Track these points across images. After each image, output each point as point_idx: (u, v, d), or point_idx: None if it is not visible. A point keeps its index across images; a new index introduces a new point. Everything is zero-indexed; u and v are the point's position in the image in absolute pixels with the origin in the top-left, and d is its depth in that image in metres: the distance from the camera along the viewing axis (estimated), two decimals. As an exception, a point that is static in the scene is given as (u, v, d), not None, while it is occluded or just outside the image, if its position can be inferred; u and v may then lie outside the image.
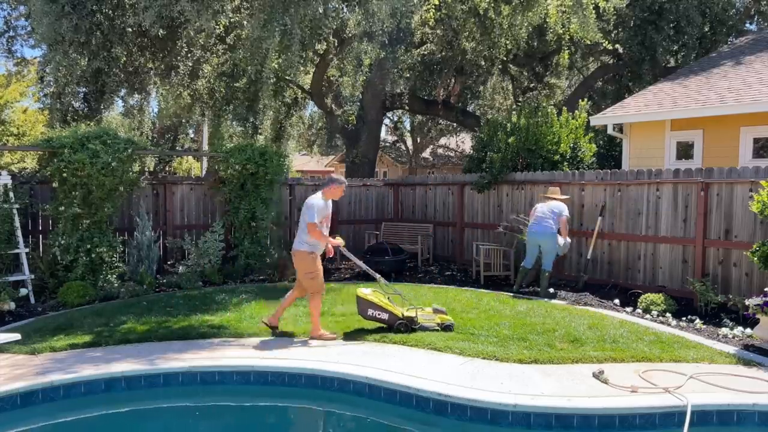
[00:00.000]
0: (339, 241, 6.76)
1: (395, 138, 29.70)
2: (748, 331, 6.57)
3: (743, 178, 7.62)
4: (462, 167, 17.26)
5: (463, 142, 27.88)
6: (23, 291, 8.28)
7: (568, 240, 8.94)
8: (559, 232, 8.78)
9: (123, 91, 13.65)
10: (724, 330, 6.72)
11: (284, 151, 12.90)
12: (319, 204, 6.44)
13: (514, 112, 11.81)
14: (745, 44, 13.25)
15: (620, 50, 15.59)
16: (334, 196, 6.75)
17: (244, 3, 10.55)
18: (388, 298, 6.81)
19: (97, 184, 8.72)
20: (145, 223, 9.81)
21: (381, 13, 10.12)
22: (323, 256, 6.82)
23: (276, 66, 10.07)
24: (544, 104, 11.73)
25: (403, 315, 6.65)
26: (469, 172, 12.28)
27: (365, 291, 6.68)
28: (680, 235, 8.35)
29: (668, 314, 7.46)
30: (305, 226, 6.43)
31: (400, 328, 6.59)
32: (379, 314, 6.62)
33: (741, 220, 7.67)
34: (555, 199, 8.98)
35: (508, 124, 11.28)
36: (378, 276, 7.16)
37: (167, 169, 28.19)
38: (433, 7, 13.26)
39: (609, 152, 15.02)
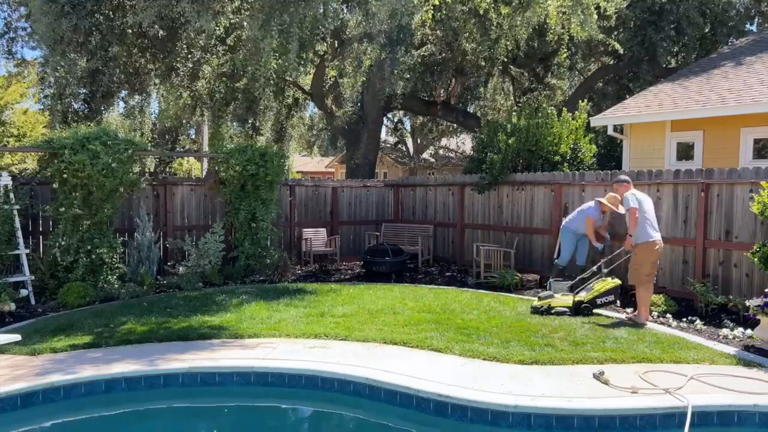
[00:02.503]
0: None
1: (396, 139, 29.72)
2: (749, 332, 6.56)
3: (744, 178, 7.61)
4: (462, 168, 17.28)
5: (464, 143, 27.90)
6: (23, 292, 8.29)
7: (599, 245, 8.74)
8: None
9: (123, 92, 13.66)
10: (725, 331, 6.71)
11: (285, 152, 12.90)
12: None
13: (514, 113, 11.81)
14: (746, 45, 13.25)
15: (620, 51, 15.60)
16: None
17: (245, 3, 10.55)
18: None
19: (97, 185, 8.72)
20: (146, 224, 9.81)
21: (381, 14, 10.12)
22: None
23: (275, 66, 10.07)
24: (544, 105, 11.73)
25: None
26: (469, 173, 12.29)
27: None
28: (681, 235, 8.35)
29: (669, 315, 7.46)
30: None
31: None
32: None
33: (741, 221, 7.67)
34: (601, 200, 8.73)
35: (509, 125, 11.28)
36: None
37: (167, 170, 28.19)
38: (433, 7, 13.26)
39: (609, 153, 15.04)
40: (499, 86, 20.96)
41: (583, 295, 7.70)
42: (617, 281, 7.75)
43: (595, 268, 8.25)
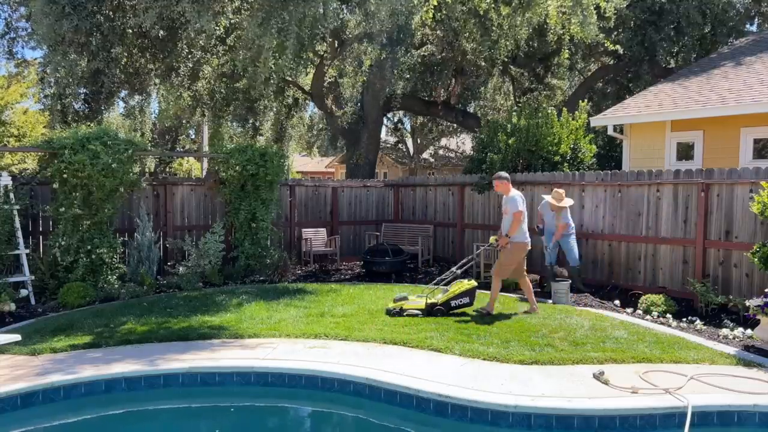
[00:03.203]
0: None
1: (396, 139, 29.72)
2: (749, 332, 6.57)
3: (743, 178, 7.61)
4: (462, 168, 17.28)
5: (464, 143, 27.91)
6: (24, 292, 8.29)
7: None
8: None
9: (123, 92, 13.66)
10: (725, 331, 6.72)
11: (285, 152, 12.91)
12: None
13: (514, 113, 11.80)
14: (746, 45, 13.26)
15: (620, 51, 15.60)
16: None
17: (245, 3, 10.55)
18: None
19: (97, 185, 8.72)
20: (146, 224, 9.81)
21: (381, 13, 10.12)
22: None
23: (272, 66, 10.07)
24: (544, 105, 11.73)
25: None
26: (469, 173, 12.29)
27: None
28: (681, 235, 8.35)
29: (669, 315, 7.46)
30: None
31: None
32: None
33: (741, 221, 7.67)
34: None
35: (509, 125, 11.28)
36: None
37: (167, 170, 28.19)
38: (433, 7, 13.27)
39: (609, 153, 15.04)
40: (499, 86, 20.97)
41: (438, 297, 7.66)
42: (473, 283, 7.74)
43: (454, 269, 8.29)
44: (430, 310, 7.54)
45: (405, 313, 7.51)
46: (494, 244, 7.95)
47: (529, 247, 7.80)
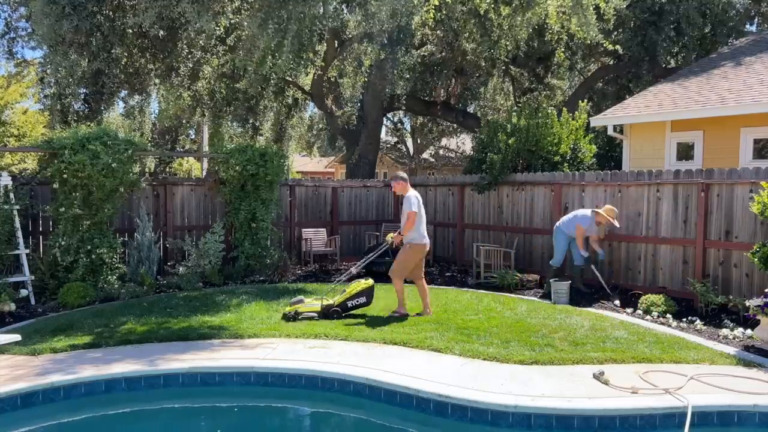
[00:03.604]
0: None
1: (396, 139, 29.71)
2: (749, 332, 6.57)
3: (743, 179, 7.61)
4: (462, 168, 17.28)
5: (464, 143, 27.89)
6: (24, 292, 8.29)
7: (584, 252, 8.83)
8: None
9: (123, 92, 13.66)
10: (725, 331, 6.72)
11: (284, 152, 12.91)
12: None
13: (514, 113, 11.80)
14: (746, 45, 13.26)
15: (620, 51, 15.60)
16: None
17: (244, 3, 10.55)
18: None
19: (97, 185, 8.72)
20: (146, 224, 9.81)
21: (381, 14, 10.12)
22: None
23: (271, 65, 10.07)
24: (544, 105, 11.74)
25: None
26: (469, 173, 12.29)
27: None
28: (680, 236, 8.35)
29: (669, 315, 7.46)
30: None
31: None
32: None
33: (741, 221, 7.67)
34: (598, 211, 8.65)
35: (509, 125, 11.28)
36: None
37: (167, 170, 28.18)
38: (433, 8, 13.26)
39: (609, 153, 15.04)
40: (499, 86, 20.96)
41: (336, 299, 7.56)
42: (370, 282, 7.67)
43: (353, 269, 8.25)
44: (326, 313, 7.40)
45: (300, 317, 7.32)
46: (389, 242, 7.91)
47: (428, 248, 7.74)
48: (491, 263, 10.22)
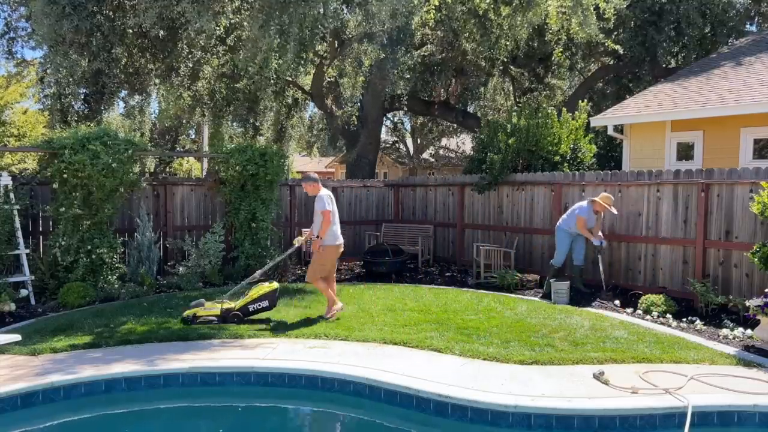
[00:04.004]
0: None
1: (396, 139, 29.72)
2: (749, 332, 6.57)
3: (743, 179, 7.61)
4: (462, 168, 17.28)
5: (464, 143, 27.90)
6: (24, 292, 8.29)
7: (597, 241, 8.70)
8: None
9: (123, 92, 13.65)
10: (725, 331, 6.72)
11: (285, 152, 12.93)
12: None
13: (514, 113, 11.81)
14: (746, 45, 13.26)
15: (621, 51, 15.61)
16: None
17: (245, 4, 10.55)
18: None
19: (97, 185, 8.72)
20: (146, 224, 9.81)
21: (381, 14, 10.12)
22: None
23: (275, 66, 10.08)
24: (544, 105, 11.74)
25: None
26: (469, 173, 12.29)
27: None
28: (681, 236, 8.35)
29: (669, 315, 7.46)
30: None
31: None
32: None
33: (741, 221, 7.67)
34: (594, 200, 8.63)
35: (509, 125, 11.28)
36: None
37: (167, 170, 28.18)
38: (434, 8, 13.26)
39: (609, 153, 15.04)
40: (499, 86, 20.96)
41: (238, 302, 7.36)
42: (274, 285, 7.48)
43: (257, 273, 8.09)
44: (225, 317, 7.22)
45: (198, 320, 7.13)
46: (297, 245, 7.87)
47: (342, 249, 7.61)
48: (491, 263, 10.22)
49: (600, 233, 8.77)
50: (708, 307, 7.56)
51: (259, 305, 7.36)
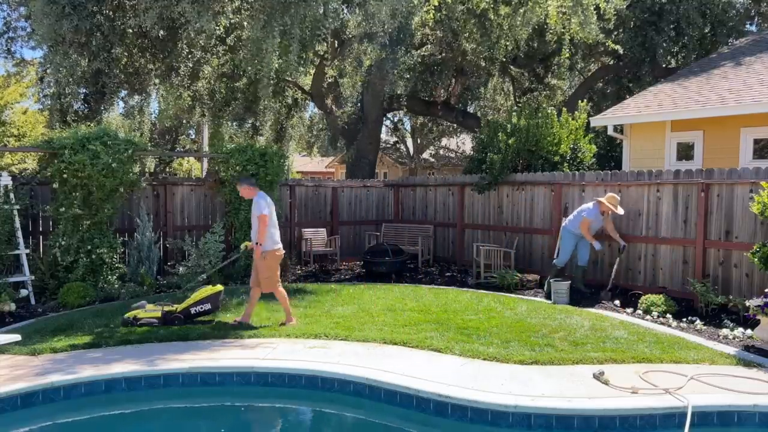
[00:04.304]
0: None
1: (396, 139, 29.70)
2: (749, 332, 6.56)
3: (743, 179, 7.61)
4: (462, 168, 17.28)
5: (464, 143, 27.88)
6: (24, 292, 8.29)
7: (598, 245, 8.72)
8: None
9: (123, 92, 13.64)
10: (725, 331, 6.72)
11: (284, 152, 12.94)
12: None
13: (514, 113, 11.81)
14: (745, 45, 13.26)
15: (621, 51, 15.60)
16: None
17: (245, 4, 10.55)
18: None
19: (97, 185, 8.72)
20: (146, 224, 9.81)
21: (381, 14, 10.12)
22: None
23: (276, 67, 10.07)
24: (544, 105, 11.74)
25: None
26: (469, 173, 12.29)
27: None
28: (681, 236, 8.35)
29: (669, 315, 7.46)
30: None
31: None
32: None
33: (741, 221, 7.67)
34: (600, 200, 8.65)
35: (509, 125, 11.28)
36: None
37: (167, 169, 28.16)
38: (433, 8, 13.25)
39: (609, 153, 15.04)
40: (499, 86, 20.95)
41: (179, 305, 7.26)
42: (218, 288, 7.42)
43: (203, 276, 7.90)
44: (166, 319, 7.10)
45: (139, 323, 7.00)
46: (243, 251, 7.73)
47: (281, 253, 7.26)
48: (491, 263, 10.22)
49: (617, 235, 8.74)
50: (708, 307, 7.56)
51: (202, 308, 7.26)
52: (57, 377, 5.24)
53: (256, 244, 6.96)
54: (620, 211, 8.61)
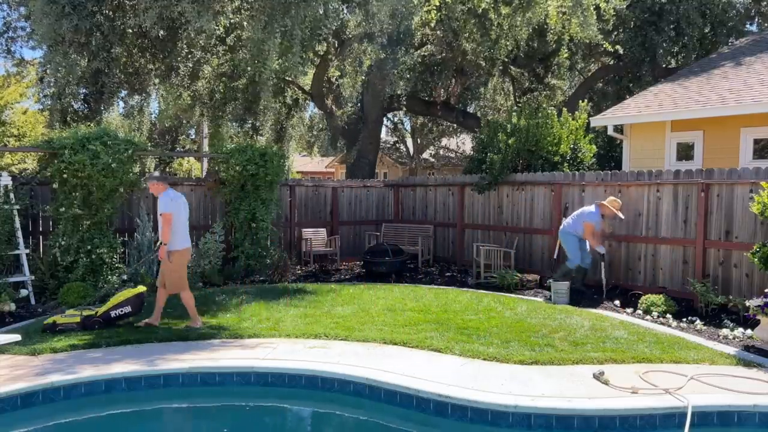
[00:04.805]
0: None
1: (396, 139, 29.71)
2: (749, 332, 6.56)
3: (743, 179, 7.61)
4: (462, 168, 17.27)
5: (464, 143, 27.88)
6: (24, 292, 8.29)
7: (602, 249, 8.67)
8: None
9: (123, 92, 13.65)
10: (725, 331, 6.72)
11: (285, 152, 12.93)
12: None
13: (514, 113, 11.81)
14: (746, 45, 13.25)
15: (621, 51, 15.60)
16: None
17: (245, 4, 10.55)
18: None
19: (97, 185, 8.72)
20: (146, 224, 9.80)
21: (381, 14, 10.13)
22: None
23: (276, 67, 10.08)
24: (544, 105, 11.74)
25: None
26: (469, 173, 12.29)
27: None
28: (681, 236, 8.35)
29: (669, 315, 7.46)
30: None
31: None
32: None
33: (741, 221, 7.67)
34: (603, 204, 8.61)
35: (509, 125, 11.28)
36: None
37: (167, 170, 28.17)
38: (434, 8, 13.26)
39: (609, 153, 15.04)
40: (499, 86, 20.95)
41: (100, 308, 7.05)
42: (140, 289, 7.21)
43: (125, 276, 7.71)
44: (86, 324, 6.87)
45: (58, 328, 6.78)
46: (156, 249, 7.48)
47: (188, 254, 7.08)
48: (491, 263, 10.22)
49: (603, 241, 8.72)
50: (708, 307, 7.56)
51: (122, 311, 7.04)
52: (57, 377, 5.24)
53: (162, 243, 6.79)
54: (621, 215, 8.58)
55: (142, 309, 7.31)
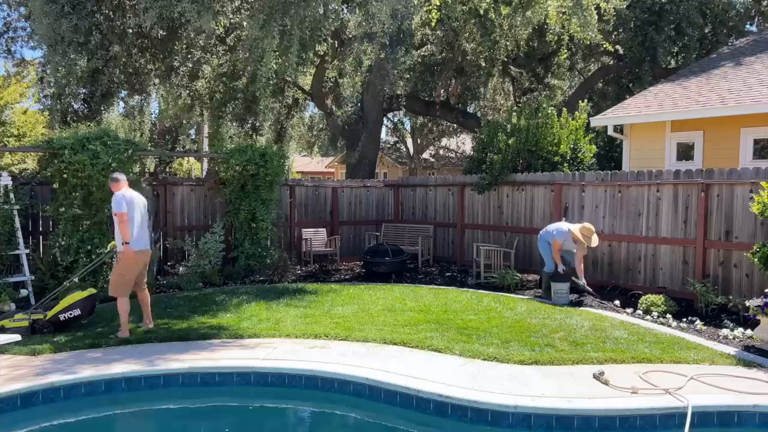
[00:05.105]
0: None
1: (396, 139, 29.72)
2: (749, 332, 6.56)
3: (743, 179, 7.61)
4: (462, 168, 17.28)
5: (464, 143, 27.89)
6: (23, 292, 8.29)
7: (561, 267, 8.56)
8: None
9: (123, 92, 13.66)
10: (725, 331, 6.71)
11: (285, 152, 12.93)
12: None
13: (514, 113, 11.81)
14: (746, 45, 13.25)
15: (621, 51, 15.60)
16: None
17: (245, 4, 10.55)
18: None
19: (97, 185, 8.71)
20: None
21: (381, 14, 10.12)
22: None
23: (275, 66, 10.08)
24: (544, 105, 11.73)
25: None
26: (469, 173, 12.29)
27: None
28: (681, 236, 8.35)
29: (669, 315, 7.46)
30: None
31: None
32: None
33: (741, 221, 7.67)
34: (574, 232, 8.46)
35: (509, 125, 11.28)
36: None
37: (167, 170, 28.13)
38: (435, 8, 13.26)
39: (609, 153, 15.05)
40: (499, 86, 20.94)
41: (49, 312, 6.82)
42: (90, 291, 6.97)
43: (66, 283, 7.52)
44: (35, 328, 6.69)
45: (7, 332, 6.56)
46: (109, 251, 7.42)
47: (145, 256, 6.84)
48: (491, 263, 10.22)
49: (581, 268, 8.56)
50: (708, 308, 7.56)
51: (71, 314, 6.79)
52: (57, 377, 5.24)
53: (124, 243, 6.56)
54: (594, 242, 8.38)
55: (94, 312, 7.11)
